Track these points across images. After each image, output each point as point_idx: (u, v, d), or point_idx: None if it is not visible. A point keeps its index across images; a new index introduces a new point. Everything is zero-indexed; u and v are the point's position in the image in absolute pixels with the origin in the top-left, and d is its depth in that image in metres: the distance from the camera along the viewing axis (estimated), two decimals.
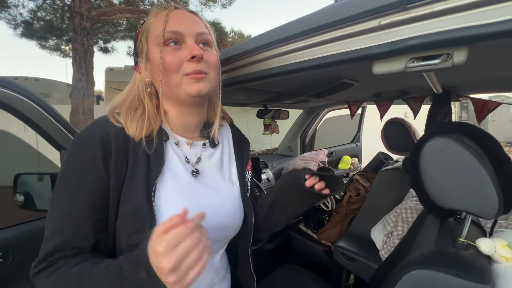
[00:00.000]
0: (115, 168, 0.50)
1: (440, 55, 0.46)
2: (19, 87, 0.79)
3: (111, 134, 0.51)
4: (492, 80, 1.04)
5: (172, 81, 0.54)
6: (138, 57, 0.59)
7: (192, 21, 0.56)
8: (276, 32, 0.64)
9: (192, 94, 0.54)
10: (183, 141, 0.60)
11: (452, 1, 0.41)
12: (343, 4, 0.54)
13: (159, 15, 0.55)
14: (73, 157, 0.50)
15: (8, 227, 0.89)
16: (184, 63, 0.53)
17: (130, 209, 0.50)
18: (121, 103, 0.57)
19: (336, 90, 1.24)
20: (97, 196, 0.49)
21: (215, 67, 0.58)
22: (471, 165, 0.56)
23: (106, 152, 0.50)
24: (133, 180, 0.51)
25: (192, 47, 0.53)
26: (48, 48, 6.55)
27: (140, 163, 0.52)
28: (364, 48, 0.52)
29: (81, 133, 0.53)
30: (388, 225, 1.22)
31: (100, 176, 0.49)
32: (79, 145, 0.51)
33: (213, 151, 0.64)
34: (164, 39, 0.52)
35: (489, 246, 0.58)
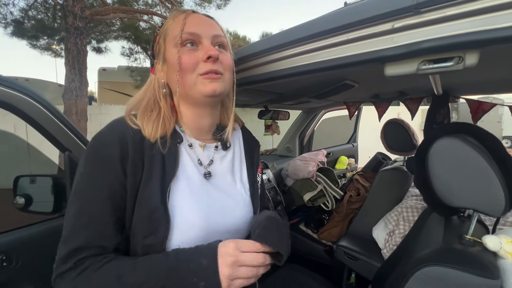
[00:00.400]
0: (132, 170, 0.51)
1: (452, 57, 0.48)
2: (23, 87, 0.78)
3: (128, 136, 0.52)
4: (488, 82, 1.07)
5: (187, 81, 0.55)
6: (155, 59, 0.60)
7: (208, 24, 0.58)
8: (287, 34, 0.65)
9: (206, 93, 0.55)
10: (196, 143, 0.61)
11: (464, 6, 0.42)
12: (356, 7, 0.55)
13: (177, 18, 0.56)
14: (92, 159, 0.51)
15: (10, 231, 0.87)
16: (200, 63, 0.54)
17: (146, 210, 0.50)
18: (137, 103, 0.59)
19: (337, 91, 1.25)
20: (116, 197, 0.50)
21: (230, 68, 0.59)
22: (479, 165, 0.58)
23: (124, 154, 0.51)
24: (149, 182, 0.52)
25: (208, 48, 0.54)
26: (39, 47, 6.41)
27: (156, 165, 0.53)
28: (377, 51, 0.53)
29: (99, 135, 0.53)
30: (390, 223, 1.24)
31: (118, 177, 0.50)
32: (98, 147, 0.51)
33: (225, 154, 0.65)
34: (182, 40, 0.54)
35: (495, 242, 0.60)
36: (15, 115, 0.78)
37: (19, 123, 4.26)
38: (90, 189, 0.50)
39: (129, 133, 0.53)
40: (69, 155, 0.90)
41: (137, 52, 6.43)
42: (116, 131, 0.53)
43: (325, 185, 1.77)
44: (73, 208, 0.49)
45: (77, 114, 4.40)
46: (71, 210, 0.49)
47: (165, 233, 0.49)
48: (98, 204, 0.49)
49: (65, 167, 0.91)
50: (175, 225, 0.51)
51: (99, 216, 0.49)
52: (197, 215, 0.53)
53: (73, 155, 0.91)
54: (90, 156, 0.51)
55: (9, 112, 0.77)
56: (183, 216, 0.52)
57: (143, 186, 0.51)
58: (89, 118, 4.73)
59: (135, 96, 0.60)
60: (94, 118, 5.35)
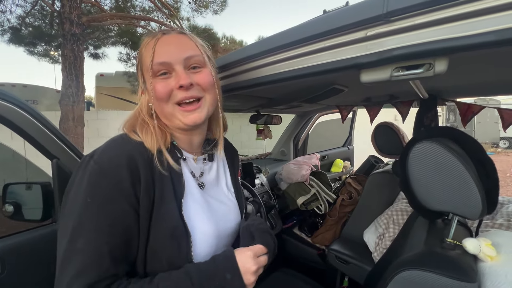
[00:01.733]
0: (145, 192, 0.50)
1: (422, 64, 0.49)
2: (8, 96, 0.78)
3: (137, 156, 0.51)
4: (474, 85, 1.09)
5: (165, 110, 0.55)
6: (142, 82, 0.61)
7: (180, 46, 0.55)
8: (267, 41, 0.66)
9: (188, 124, 0.55)
10: (189, 157, 0.62)
11: (431, 15, 0.44)
12: (332, 16, 0.56)
13: (147, 46, 0.55)
14: (99, 185, 0.47)
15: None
16: (174, 91, 0.54)
17: (166, 228, 0.51)
18: (132, 122, 0.58)
19: (327, 96, 1.27)
20: (130, 222, 0.49)
21: (210, 86, 0.57)
22: (456, 168, 0.59)
23: (134, 176, 0.49)
24: (164, 200, 0.52)
25: (180, 76, 0.53)
26: (36, 54, 6.44)
27: (166, 183, 0.53)
28: (352, 58, 0.54)
29: (104, 157, 0.49)
30: (380, 227, 1.25)
31: (131, 202, 0.49)
32: (105, 171, 0.48)
33: (211, 165, 0.67)
34: (154, 71, 0.53)
35: (475, 245, 0.60)
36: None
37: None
38: (100, 219, 0.46)
39: (136, 153, 0.51)
40: (57, 162, 0.91)
41: (134, 58, 6.46)
42: (124, 151, 0.51)
43: (318, 189, 1.77)
44: (80, 240, 0.46)
45: (74, 120, 4.41)
46: (77, 241, 0.45)
47: (188, 246, 0.53)
48: (113, 233, 0.47)
49: (53, 174, 0.91)
50: (193, 237, 0.54)
51: (113, 246, 0.47)
52: (208, 224, 0.57)
53: (61, 163, 0.92)
54: (97, 182, 0.47)
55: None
56: (198, 227, 0.55)
57: (157, 205, 0.51)
58: (86, 124, 4.74)
59: (129, 116, 0.59)
60: (91, 124, 5.36)
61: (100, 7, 5.38)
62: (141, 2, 6.01)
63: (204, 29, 6.06)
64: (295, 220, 1.89)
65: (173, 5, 5.92)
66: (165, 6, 5.71)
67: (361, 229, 1.40)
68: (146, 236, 0.51)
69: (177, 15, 5.90)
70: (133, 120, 0.58)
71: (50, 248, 0.90)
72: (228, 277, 0.49)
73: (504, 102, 8.70)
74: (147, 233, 0.51)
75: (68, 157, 0.94)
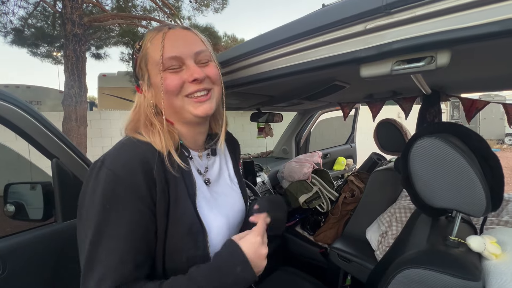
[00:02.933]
0: (161, 192, 0.51)
1: (424, 57, 0.47)
2: (7, 96, 0.78)
3: (149, 157, 0.51)
4: (479, 80, 1.07)
5: (175, 103, 0.55)
6: (139, 80, 0.59)
7: (188, 41, 0.55)
8: (265, 37, 0.65)
9: (199, 115, 0.56)
10: (195, 154, 0.63)
11: (432, 6, 0.42)
12: (330, 9, 0.55)
13: (154, 40, 0.54)
14: (115, 192, 0.48)
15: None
16: (186, 84, 0.54)
17: (183, 227, 0.52)
18: (134, 124, 0.58)
19: (328, 92, 1.25)
20: (148, 225, 0.50)
21: (218, 80, 0.59)
22: (459, 164, 0.57)
23: (149, 180, 0.50)
24: (179, 200, 0.53)
25: (193, 70, 0.54)
26: (39, 55, 6.48)
27: (180, 182, 0.54)
28: (352, 52, 0.53)
29: (116, 164, 0.49)
30: (383, 225, 1.23)
31: (148, 204, 0.50)
32: (119, 179, 0.48)
33: (214, 160, 0.68)
34: (164, 66, 0.53)
35: (479, 243, 0.59)
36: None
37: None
38: (120, 226, 0.47)
39: (148, 155, 0.51)
40: (56, 162, 0.91)
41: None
42: (136, 155, 0.51)
43: (320, 187, 1.76)
44: (101, 246, 0.46)
45: (77, 120, 4.43)
46: (101, 251, 0.46)
47: (204, 241, 0.54)
48: (132, 239, 0.48)
49: (53, 174, 0.91)
50: (208, 231, 0.55)
51: (134, 251, 0.48)
52: (220, 218, 0.59)
53: (61, 162, 0.92)
54: (113, 188, 0.48)
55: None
56: (211, 222, 0.57)
57: (173, 205, 0.52)
58: (89, 124, 4.76)
59: (130, 119, 0.59)
60: (94, 124, 5.38)
61: (102, 7, 5.39)
62: (142, 2, 6.03)
63: (205, 28, 6.05)
64: (297, 218, 1.88)
65: (174, 4, 5.92)
66: (166, 6, 5.71)
67: (363, 227, 1.39)
68: (163, 236, 0.51)
69: (178, 14, 5.90)
70: (135, 122, 0.58)
71: (51, 248, 0.91)
72: (238, 271, 0.49)
73: (509, 98, 8.58)
74: (164, 233, 0.51)
75: (68, 156, 0.94)
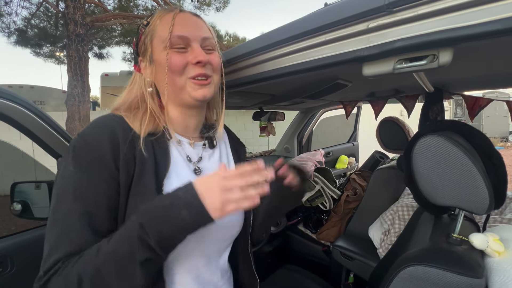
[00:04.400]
0: (125, 165, 0.50)
1: (426, 56, 0.48)
2: (13, 96, 0.79)
3: (119, 132, 0.52)
4: (482, 78, 1.06)
5: (177, 82, 0.55)
6: (139, 56, 0.59)
7: (197, 25, 0.57)
8: (268, 36, 0.66)
9: (196, 98, 0.56)
10: (185, 141, 0.62)
11: (435, 4, 0.42)
12: (333, 8, 0.55)
13: (164, 18, 0.55)
14: (82, 156, 0.48)
15: (5, 236, 0.89)
16: (189, 66, 0.55)
17: (141, 202, 0.49)
18: (123, 104, 0.58)
19: (330, 91, 1.25)
20: (112, 193, 0.49)
21: (218, 69, 0.60)
22: (462, 162, 0.57)
23: (115, 150, 0.50)
24: (142, 177, 0.51)
25: (198, 52, 0.54)
26: (42, 55, 6.53)
27: (148, 161, 0.53)
28: (354, 51, 0.53)
29: (88, 132, 0.51)
30: (385, 223, 1.23)
31: (112, 173, 0.49)
32: (88, 143, 0.49)
33: (212, 152, 0.66)
34: (171, 43, 0.53)
35: (482, 241, 0.59)
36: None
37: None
38: (82, 189, 0.47)
39: (119, 129, 0.52)
40: (61, 160, 0.92)
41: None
42: (106, 127, 0.52)
43: (322, 185, 1.76)
44: (67, 206, 0.46)
45: (80, 120, 4.47)
46: (61, 211, 0.46)
47: None
48: (93, 205, 0.47)
49: (58, 172, 0.92)
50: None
51: (94, 217, 0.47)
52: None
53: None
54: (81, 153, 0.49)
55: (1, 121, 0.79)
56: None
57: (136, 181, 0.51)
58: None
59: (121, 97, 0.59)
60: None
61: (104, 7, 5.41)
62: (144, 1, 6.04)
63: None
64: (299, 216, 1.88)
65: (176, 3, 5.92)
66: (168, 5, 5.71)
67: (366, 225, 1.39)
68: (124, 208, 0.50)
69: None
70: (123, 103, 0.58)
71: None
72: (180, 194, 0.44)
73: None
74: (124, 209, 0.50)
75: None
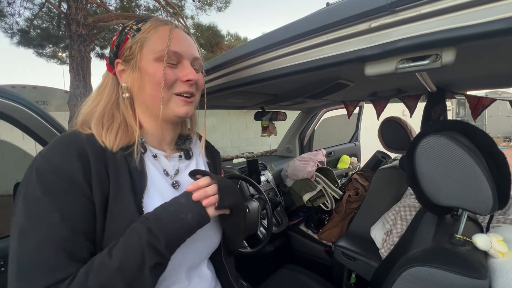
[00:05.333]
0: (98, 184, 0.47)
1: (429, 55, 0.47)
2: (16, 96, 0.80)
3: (87, 148, 0.48)
4: (485, 77, 1.05)
5: (161, 96, 0.53)
6: (117, 58, 0.56)
7: (189, 43, 0.57)
8: (269, 36, 0.65)
9: (179, 114, 0.56)
10: (161, 154, 0.60)
11: (437, 4, 0.42)
12: (335, 8, 0.55)
13: (160, 29, 0.54)
14: (49, 179, 0.44)
15: (7, 236, 0.89)
16: (177, 82, 0.54)
17: (122, 226, 0.47)
18: (91, 113, 0.54)
19: (332, 91, 1.25)
20: (88, 216, 0.46)
21: (201, 89, 0.61)
22: (465, 162, 0.57)
23: (86, 168, 0.46)
24: (118, 196, 0.48)
25: (189, 71, 0.55)
26: (45, 55, 6.57)
27: (123, 177, 0.50)
28: (356, 50, 0.53)
29: (51, 151, 0.47)
30: (387, 223, 1.23)
31: (85, 193, 0.46)
32: (54, 165, 0.45)
33: (189, 163, 0.65)
34: (162, 56, 0.52)
35: (485, 241, 0.59)
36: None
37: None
38: (53, 214, 0.43)
39: (87, 144, 0.48)
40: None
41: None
42: (72, 143, 0.48)
43: (324, 185, 1.76)
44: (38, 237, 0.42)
45: None
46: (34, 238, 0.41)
47: None
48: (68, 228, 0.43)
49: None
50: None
51: (70, 242, 0.43)
52: None
53: None
54: (47, 175, 0.44)
55: (4, 121, 0.79)
56: None
57: (112, 200, 0.48)
58: None
59: (89, 103, 0.55)
60: None
61: (106, 7, 5.43)
62: (145, 2, 6.06)
63: (208, 27, 6.06)
64: (301, 216, 1.88)
65: (177, 4, 5.94)
66: (170, 5, 5.73)
67: (368, 225, 1.39)
68: (101, 232, 0.47)
69: (182, 13, 5.91)
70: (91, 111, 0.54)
71: None
72: (183, 201, 0.49)
73: None
74: (102, 229, 0.47)
75: None
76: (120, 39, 0.56)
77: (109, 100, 0.56)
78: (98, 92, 0.57)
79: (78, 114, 0.55)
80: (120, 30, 0.57)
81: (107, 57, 0.60)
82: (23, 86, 7.41)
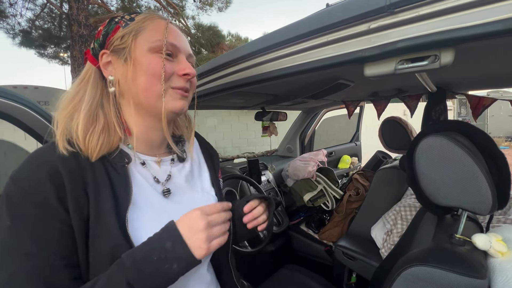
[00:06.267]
0: (74, 206, 0.43)
1: (428, 56, 0.48)
2: (18, 97, 0.80)
3: (60, 166, 0.43)
4: (485, 77, 1.05)
5: (155, 89, 0.49)
6: (102, 48, 0.51)
7: (185, 40, 0.56)
8: (270, 37, 0.66)
9: (174, 109, 0.52)
10: (150, 160, 0.55)
11: (436, 5, 0.42)
12: (334, 9, 0.55)
13: (156, 21, 0.52)
14: (18, 206, 0.41)
15: None
16: (174, 76, 0.52)
17: (106, 249, 0.43)
18: (74, 108, 0.48)
19: (332, 91, 1.25)
20: (65, 241, 0.42)
21: (194, 89, 0.58)
22: (465, 163, 0.57)
23: (60, 189, 0.42)
24: (100, 215, 0.44)
25: (186, 65, 0.53)
26: (46, 56, 6.60)
27: (104, 195, 0.45)
28: (356, 51, 0.53)
29: (20, 174, 0.43)
30: (388, 223, 1.23)
31: (60, 217, 0.42)
32: (24, 189, 0.41)
33: (183, 165, 0.61)
34: (159, 48, 0.50)
35: (485, 241, 0.59)
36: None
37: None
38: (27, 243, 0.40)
39: (60, 163, 0.43)
40: None
41: None
42: (43, 164, 0.43)
43: (325, 185, 1.76)
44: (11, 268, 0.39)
45: None
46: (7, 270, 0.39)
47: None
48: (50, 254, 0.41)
49: None
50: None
51: (56, 265, 0.41)
52: None
53: None
54: (17, 201, 0.41)
55: (7, 121, 0.80)
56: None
57: (93, 220, 0.43)
58: None
59: (69, 100, 0.49)
60: None
61: (107, 8, 5.45)
62: (146, 2, 6.08)
63: (209, 27, 6.07)
64: (302, 216, 1.88)
65: (178, 4, 5.95)
66: (171, 5, 5.74)
67: (368, 225, 1.39)
68: (85, 257, 0.44)
69: (182, 13, 5.93)
70: (73, 108, 0.48)
71: None
72: (168, 246, 0.42)
73: None
74: (85, 254, 0.44)
75: None
76: (109, 28, 0.51)
77: (93, 97, 0.50)
78: (79, 87, 0.51)
79: (56, 114, 0.49)
80: (108, 21, 0.53)
81: (89, 49, 0.54)
82: (25, 86, 7.43)
